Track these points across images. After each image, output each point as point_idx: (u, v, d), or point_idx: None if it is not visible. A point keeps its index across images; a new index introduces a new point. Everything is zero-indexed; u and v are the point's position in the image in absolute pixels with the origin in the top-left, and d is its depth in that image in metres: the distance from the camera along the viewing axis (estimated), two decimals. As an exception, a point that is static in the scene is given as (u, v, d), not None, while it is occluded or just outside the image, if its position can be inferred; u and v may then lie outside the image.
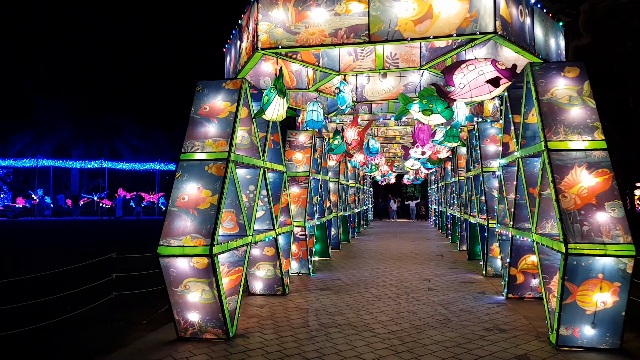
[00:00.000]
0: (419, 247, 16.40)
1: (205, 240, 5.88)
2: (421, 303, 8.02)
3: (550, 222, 6.24)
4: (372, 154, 11.16)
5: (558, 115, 5.90)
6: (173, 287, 6.03)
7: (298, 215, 10.80)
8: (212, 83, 7.11)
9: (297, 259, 10.95)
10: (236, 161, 6.67)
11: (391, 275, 10.78)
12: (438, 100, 6.36)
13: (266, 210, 8.22)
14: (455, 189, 16.08)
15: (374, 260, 13.19)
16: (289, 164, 11.34)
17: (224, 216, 6.92)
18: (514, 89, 7.81)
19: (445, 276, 10.56)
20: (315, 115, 7.38)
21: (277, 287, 8.75)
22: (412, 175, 24.55)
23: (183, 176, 6.44)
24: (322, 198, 12.85)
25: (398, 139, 14.51)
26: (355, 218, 20.72)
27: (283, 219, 9.42)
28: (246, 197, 7.50)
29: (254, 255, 8.56)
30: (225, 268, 6.86)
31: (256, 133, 7.58)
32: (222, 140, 6.61)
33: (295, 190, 11.10)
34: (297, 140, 11.55)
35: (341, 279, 10.33)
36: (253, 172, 7.68)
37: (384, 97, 8.45)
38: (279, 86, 5.77)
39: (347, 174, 18.06)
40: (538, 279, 7.96)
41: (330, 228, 13.97)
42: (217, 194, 6.19)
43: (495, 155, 10.71)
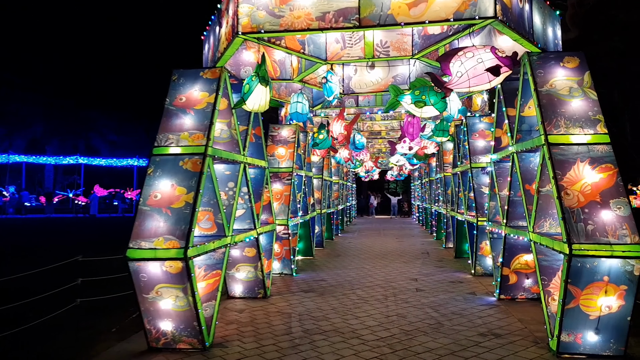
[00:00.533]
0: (404, 245, 16.10)
1: (179, 242, 5.39)
2: (410, 305, 7.65)
3: (549, 220, 5.91)
4: (357, 149, 10.75)
5: (558, 108, 5.55)
6: (144, 294, 5.53)
7: (281, 213, 10.34)
8: (189, 72, 6.59)
9: (280, 259, 10.49)
10: (214, 156, 6.18)
11: (377, 274, 10.41)
12: (431, 92, 5.97)
13: (247, 208, 7.74)
14: (440, 185, 15.80)
15: (359, 259, 12.81)
16: (271, 160, 10.86)
17: (200, 215, 6.43)
18: (507, 81, 7.46)
19: (433, 275, 10.23)
20: (300, 107, 6.92)
21: (258, 289, 8.28)
22: (396, 172, 24.25)
23: (156, 172, 5.92)
24: (305, 195, 12.41)
25: (384, 134, 14.14)
26: (338, 215, 20.34)
27: (265, 217, 8.95)
28: (225, 195, 7.01)
29: (233, 257, 8.08)
30: (202, 271, 6.37)
31: (236, 126, 7.09)
32: (199, 133, 6.11)
33: (277, 187, 10.62)
34: (279, 135, 11.08)
35: (326, 280, 9.91)
36: (233, 168, 7.19)
37: (372, 89, 8.03)
38: (261, 74, 5.30)
39: (331, 170, 17.65)
40: (532, 279, 7.67)
41: (313, 226, 13.55)
42: (193, 192, 5.69)
43: (485, 151, 10.41)
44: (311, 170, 13.35)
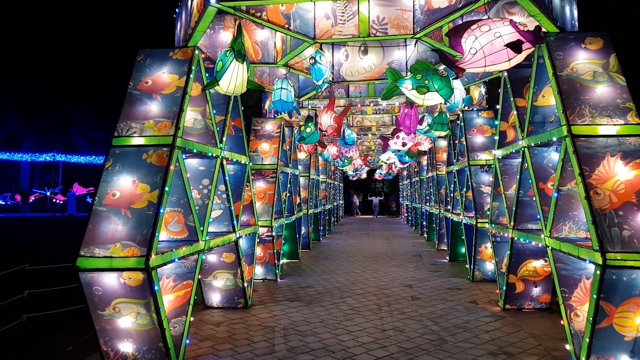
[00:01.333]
0: (394, 246, 15.37)
1: (140, 250, 4.55)
2: (407, 317, 6.88)
3: (569, 223, 5.18)
4: (347, 145, 9.96)
5: (581, 94, 4.83)
6: (99, 310, 4.67)
7: (264, 214, 9.51)
8: (156, 52, 5.74)
9: (263, 264, 9.66)
10: (184, 148, 5.33)
11: (368, 280, 9.64)
12: (435, 76, 5.21)
13: (224, 208, 6.90)
14: (432, 184, 15.10)
15: (348, 262, 12.03)
16: (254, 156, 10.02)
17: (168, 217, 5.58)
18: (514, 69, 6.73)
19: (428, 281, 9.49)
20: (285, 94, 6.11)
21: (237, 299, 7.45)
22: (385, 170, 23.53)
23: (115, 166, 5.06)
24: (291, 194, 11.59)
25: (374, 130, 13.39)
26: (326, 215, 19.55)
27: (246, 218, 8.12)
28: (199, 194, 6.16)
29: (210, 263, 7.23)
30: (171, 282, 5.53)
31: (212, 115, 6.24)
32: (166, 121, 5.26)
33: (261, 185, 9.79)
34: (263, 129, 10.24)
35: (313, 286, 9.10)
36: (208, 163, 6.35)
37: (365, 76, 7.24)
38: (237, 47, 4.47)
39: (318, 168, 16.85)
40: (540, 288, 6.97)
41: (299, 227, 12.74)
42: (158, 189, 4.84)
43: (483, 147, 9.71)
44: (297, 168, 12.54)
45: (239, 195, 7.39)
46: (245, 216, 8.08)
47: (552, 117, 5.80)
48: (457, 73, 4.26)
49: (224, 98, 6.93)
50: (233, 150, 7.40)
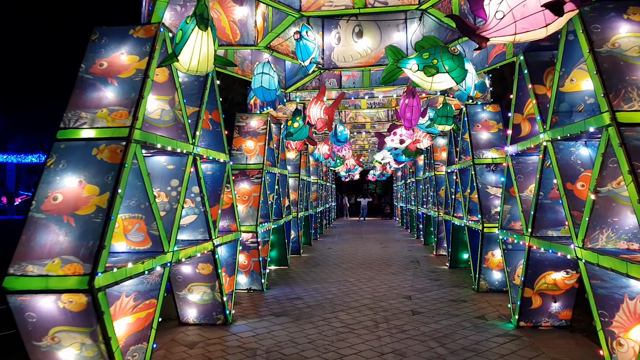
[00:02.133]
0: (390, 251, 14.49)
1: (84, 266, 3.63)
2: (408, 337, 6.00)
3: (607, 232, 4.32)
4: (340, 142, 9.09)
5: (626, 74, 3.98)
6: (34, 341, 3.74)
7: (248, 218, 8.59)
8: (114, 30, 4.82)
9: (247, 273, 8.74)
10: (145, 142, 4.42)
11: (363, 290, 8.75)
12: (445, 54, 4.35)
13: (199, 213, 5.98)
14: (430, 185, 14.25)
15: (341, 269, 11.14)
16: (238, 155, 9.11)
17: (128, 224, 4.65)
18: (531, 51, 5.91)
19: (429, 291, 8.62)
20: (267, 80, 5.22)
21: (216, 314, 6.53)
22: (379, 171, 22.67)
23: (58, 164, 4.14)
24: (279, 196, 10.68)
25: (369, 127, 12.51)
26: (317, 218, 18.65)
27: (226, 224, 7.20)
28: (166, 197, 5.24)
29: (184, 274, 6.31)
30: (131, 301, 4.60)
31: (182, 105, 5.33)
32: (123, 110, 4.35)
33: (245, 186, 8.87)
34: (248, 126, 9.33)
35: (302, 298, 8.20)
36: (178, 162, 5.43)
37: (359, 62, 6.36)
38: (199, 11, 3.56)
39: (309, 168, 15.95)
40: (560, 303, 6.11)
41: (289, 231, 11.82)
42: (109, 192, 3.93)
43: (489, 145, 8.87)
44: (286, 168, 11.63)
45: (217, 198, 6.47)
46: (225, 221, 7.16)
47: (581, 105, 4.94)
48: (480, 44, 3.38)
49: (198, 86, 6.02)
50: (211, 147, 6.50)
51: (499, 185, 8.51)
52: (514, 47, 6.34)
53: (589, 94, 4.94)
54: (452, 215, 10.56)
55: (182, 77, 6.14)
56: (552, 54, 5.82)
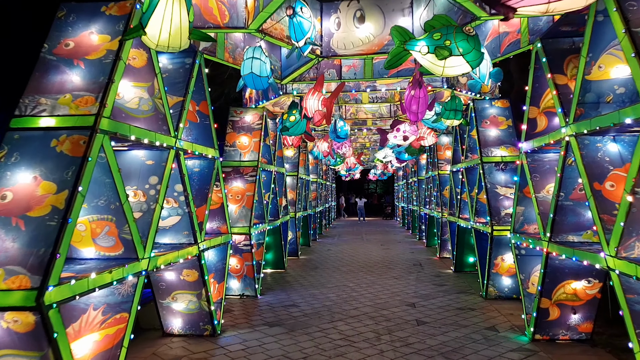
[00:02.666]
0: (391, 253, 13.90)
1: (31, 279, 3.05)
2: (414, 351, 5.42)
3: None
4: (339, 138, 8.48)
5: (672, 56, 3.38)
6: (-25, 365, 3.16)
7: (241, 219, 8.01)
8: (84, 6, 4.24)
9: (240, 277, 8.16)
10: (115, 133, 3.84)
11: (364, 297, 8.16)
12: (460, 34, 3.76)
13: (183, 214, 5.39)
14: (433, 185, 13.66)
15: (340, 273, 10.55)
16: (231, 151, 8.53)
17: (96, 227, 4.07)
18: (549, 39, 5.32)
19: (433, 298, 8.03)
20: (258, 66, 4.63)
21: (203, 325, 5.95)
22: (380, 170, 22.05)
23: (10, 157, 3.56)
24: (275, 195, 10.09)
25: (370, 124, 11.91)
26: (317, 218, 18.06)
27: (215, 225, 6.62)
28: (144, 196, 4.65)
29: (167, 281, 5.73)
30: (99, 315, 4.02)
31: (162, 94, 4.74)
32: (89, 95, 3.77)
33: (238, 185, 8.29)
34: (242, 120, 8.75)
35: (298, 305, 7.62)
36: (158, 157, 4.84)
37: (361, 49, 5.77)
38: (167, -28, 2.98)
39: (308, 166, 15.36)
40: (580, 315, 5.53)
41: (286, 232, 11.24)
42: (68, 190, 3.35)
43: (498, 142, 8.28)
44: (283, 166, 11.04)
45: (204, 198, 5.89)
46: (214, 223, 6.58)
47: (609, 95, 4.36)
48: (507, 15, 2.79)
49: (184, 74, 5.45)
50: (198, 142, 5.91)
51: (509, 185, 7.93)
52: (530, 34, 5.75)
53: (619, 82, 4.35)
54: (458, 217, 9.98)
55: (165, 63, 5.57)
56: (573, 41, 5.24)
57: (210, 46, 5.89)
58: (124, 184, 4.43)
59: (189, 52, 5.58)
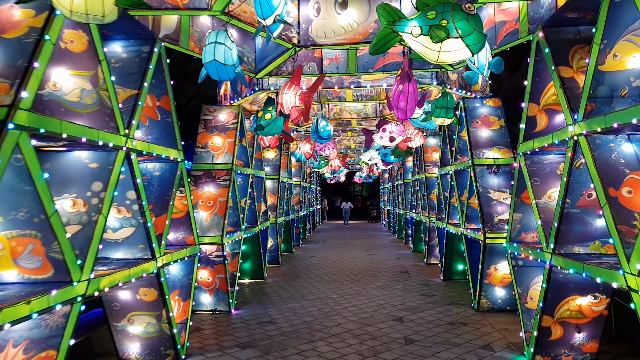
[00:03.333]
0: (377, 259, 13.27)
1: None
2: (402, 379, 4.77)
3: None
4: (322, 139, 7.83)
5: None
6: None
7: (213, 228, 7.29)
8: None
9: (212, 291, 7.43)
10: (37, 130, 3.11)
11: (347, 310, 7.50)
12: (458, 12, 3.14)
13: (138, 225, 4.67)
14: (420, 188, 13.07)
15: (323, 282, 9.88)
16: (203, 153, 7.81)
17: (17, 245, 3.33)
18: (552, 27, 4.73)
19: (422, 311, 7.40)
20: (222, 52, 3.93)
21: (165, 349, 5.23)
22: (365, 172, 21.43)
23: None
24: (253, 200, 9.39)
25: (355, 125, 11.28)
26: (300, 223, 17.37)
27: (180, 236, 5.89)
28: (84, 205, 3.92)
29: (122, 302, 4.99)
30: (20, 354, 3.28)
31: (109, 85, 4.03)
32: (3, 82, 3.04)
33: (210, 190, 7.57)
34: (216, 119, 8.04)
35: (276, 321, 6.92)
36: (104, 159, 4.12)
37: (343, 39, 5.11)
38: None
39: (290, 169, 14.67)
40: (585, 334, 4.93)
41: (265, 239, 10.53)
42: (-34, 201, 2.62)
43: (489, 143, 7.71)
44: (263, 169, 10.34)
45: (165, 206, 5.17)
46: (179, 233, 5.86)
47: (624, 88, 3.77)
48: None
49: (139, 64, 4.74)
50: (159, 142, 5.20)
51: (503, 189, 7.35)
52: (529, 23, 5.17)
53: (636, 73, 3.76)
54: (447, 222, 9.38)
55: (118, 52, 4.85)
56: (578, 30, 4.66)
57: (172, 34, 5.19)
58: (62, 190, 3.72)
59: (146, 40, 4.87)
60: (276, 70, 6.30)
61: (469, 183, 7.88)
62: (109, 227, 4.62)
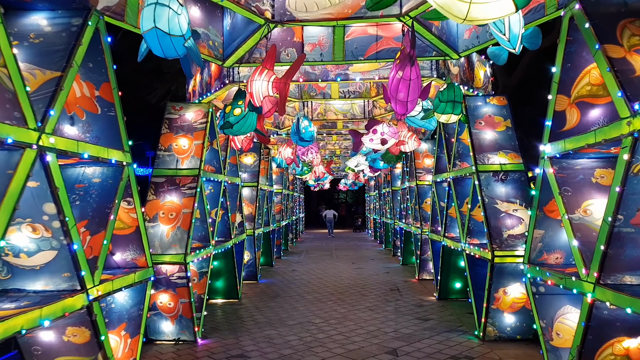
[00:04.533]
0: (364, 274, 12.23)
1: None
2: None
3: None
4: (304, 141, 6.83)
5: None
6: None
7: (174, 244, 6.18)
8: None
9: (174, 318, 6.31)
10: None
11: (332, 340, 6.44)
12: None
13: (60, 247, 3.56)
14: (411, 196, 12.11)
15: (305, 302, 8.80)
16: (166, 157, 6.71)
17: None
18: (591, 0, 3.79)
19: (419, 340, 6.38)
20: (165, 18, 2.86)
21: (103, 403, 4.10)
22: (351, 180, 20.42)
23: None
24: (227, 211, 8.30)
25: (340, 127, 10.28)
26: (281, 234, 16.27)
27: (129, 256, 4.78)
28: (-32, 223, 2.81)
29: (44, 345, 3.87)
30: None
31: (8, 60, 2.94)
32: None
33: (172, 200, 6.46)
34: (182, 118, 6.95)
35: (248, 355, 5.83)
36: (4, 161, 3.02)
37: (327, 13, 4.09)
38: None
39: (271, 176, 13.59)
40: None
41: (241, 254, 9.42)
42: None
43: (495, 146, 6.78)
44: (238, 176, 9.25)
45: (102, 221, 4.07)
46: (127, 253, 4.75)
47: None
48: None
49: (67, 40, 3.66)
50: (100, 141, 4.12)
51: (512, 199, 6.41)
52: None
53: None
54: (443, 236, 8.40)
55: (40, 24, 3.75)
56: (625, 1, 3.73)
57: (115, 6, 4.12)
58: None
59: (78, 10, 3.80)
60: (248, 56, 5.25)
61: (471, 192, 6.92)
62: (21, 250, 3.51)
